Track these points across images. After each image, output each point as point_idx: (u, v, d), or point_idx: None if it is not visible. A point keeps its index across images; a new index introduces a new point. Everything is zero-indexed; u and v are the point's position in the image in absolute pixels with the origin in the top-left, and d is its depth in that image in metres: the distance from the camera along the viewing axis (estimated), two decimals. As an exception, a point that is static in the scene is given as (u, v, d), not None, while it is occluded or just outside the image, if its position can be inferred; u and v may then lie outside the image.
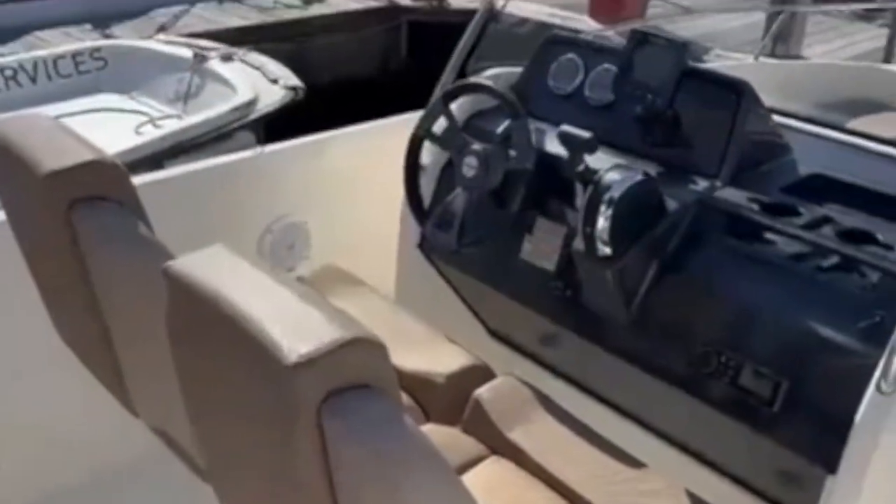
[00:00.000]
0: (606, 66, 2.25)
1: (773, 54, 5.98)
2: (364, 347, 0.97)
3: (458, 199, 2.15)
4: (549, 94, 2.35)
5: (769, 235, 1.86)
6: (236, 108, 4.84)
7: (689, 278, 1.92)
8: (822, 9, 6.40)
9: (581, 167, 1.99)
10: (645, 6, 6.72)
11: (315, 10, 7.68)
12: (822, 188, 2.00)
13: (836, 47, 6.99)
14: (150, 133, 4.84)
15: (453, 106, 2.28)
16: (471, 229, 2.14)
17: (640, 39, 2.09)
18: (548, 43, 2.42)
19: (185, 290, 1.13)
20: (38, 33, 6.49)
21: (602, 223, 1.85)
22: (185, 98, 5.32)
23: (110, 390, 1.70)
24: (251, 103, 4.91)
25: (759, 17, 6.32)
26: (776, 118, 2.20)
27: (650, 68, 2.05)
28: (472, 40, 2.58)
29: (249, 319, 1.00)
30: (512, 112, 2.10)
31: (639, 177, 1.88)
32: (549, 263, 2.16)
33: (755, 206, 1.90)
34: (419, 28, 7.67)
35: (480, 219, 2.14)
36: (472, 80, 2.33)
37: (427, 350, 2.07)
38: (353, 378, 0.96)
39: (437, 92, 2.46)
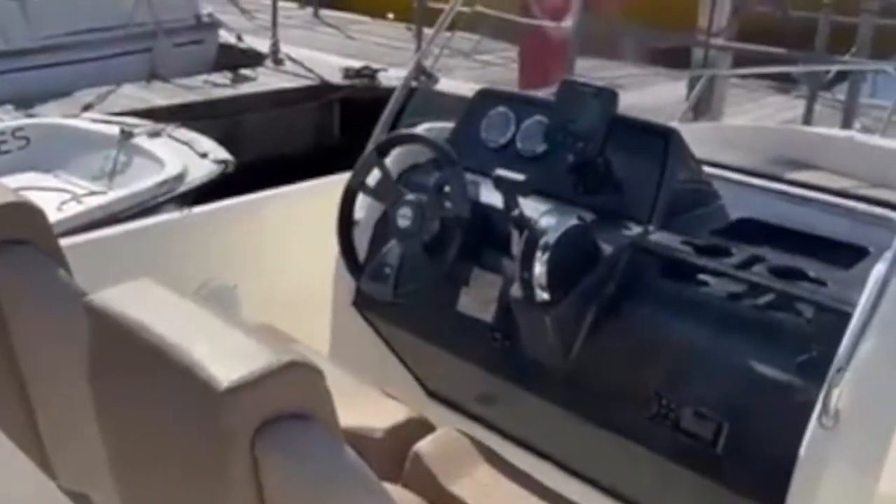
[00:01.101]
0: (537, 117, 2.27)
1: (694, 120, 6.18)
2: (300, 373, 0.92)
3: (393, 250, 2.12)
4: (482, 147, 2.35)
5: (703, 276, 1.87)
6: (163, 183, 4.77)
7: (627, 322, 1.91)
8: (741, 72, 6.64)
9: (516, 212, 1.98)
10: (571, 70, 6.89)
11: (245, 88, 7.69)
12: (751, 231, 2.02)
13: (755, 117, 7.25)
14: (72, 209, 4.72)
15: (386, 160, 2.27)
16: (406, 282, 2.11)
17: (570, 89, 2.12)
18: (479, 97, 2.44)
19: (107, 323, 1.06)
20: (-43, 115, 6.34)
21: (539, 268, 1.83)
22: (111, 174, 5.22)
23: (26, 452, 1.59)
24: (179, 177, 4.85)
25: (682, 93, 6.55)
26: (706, 168, 2.24)
27: (580, 117, 2.08)
28: (402, 96, 2.59)
29: (177, 347, 0.94)
30: (446, 161, 2.09)
31: (574, 221, 1.89)
32: (487, 314, 2.13)
33: (688, 249, 1.92)
34: (351, 105, 7.74)
35: (416, 270, 2.10)
36: (404, 131, 2.32)
37: (364, 405, 1.99)
38: (289, 406, 0.90)
39: (370, 145, 2.46)
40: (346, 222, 2.26)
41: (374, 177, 2.22)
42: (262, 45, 9.00)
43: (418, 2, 8.83)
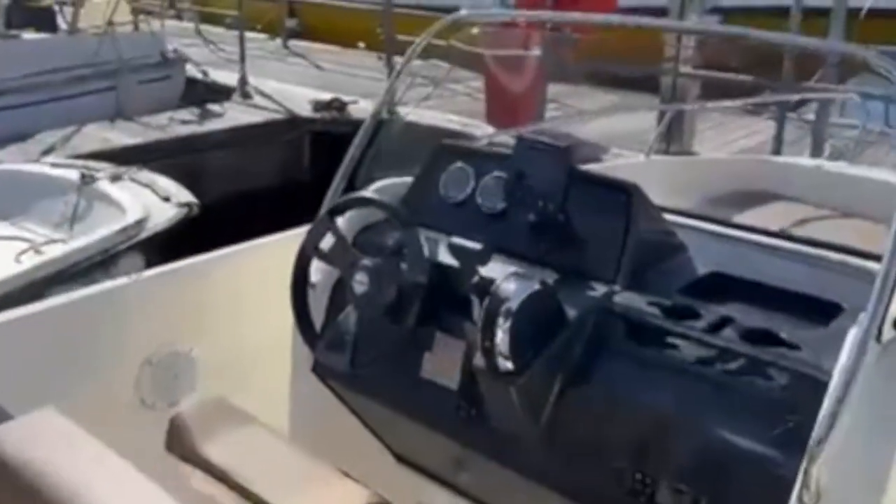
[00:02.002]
0: (497, 173, 2.20)
1: (666, 151, 6.13)
2: None
3: (350, 317, 2.04)
4: (441, 204, 2.28)
5: (672, 340, 1.79)
6: (123, 230, 4.62)
7: (596, 390, 1.83)
8: (708, 106, 6.63)
9: (476, 279, 1.90)
10: (542, 110, 6.84)
11: (212, 124, 7.58)
12: (720, 287, 1.96)
13: (726, 141, 7.23)
14: (31, 261, 4.57)
15: (341, 220, 2.18)
16: (365, 349, 2.03)
17: (526, 146, 2.05)
18: (437, 152, 2.37)
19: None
20: (-87, 160, 6.18)
21: (501, 336, 1.76)
22: (71, 221, 5.07)
23: None
24: (140, 223, 4.71)
25: (653, 118, 6.52)
26: (668, 217, 2.17)
27: (539, 174, 2.03)
28: (359, 151, 2.50)
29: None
30: (401, 224, 2.01)
31: (536, 286, 1.81)
32: (451, 381, 2.05)
33: (655, 311, 1.84)
34: (322, 138, 7.65)
35: (375, 337, 2.02)
36: (358, 194, 2.23)
37: (321, 489, 1.88)
38: None
39: (325, 206, 2.35)
40: (300, 288, 2.16)
41: (328, 240, 2.13)
42: (231, 79, 8.90)
43: (386, 33, 8.75)
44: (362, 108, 7.53)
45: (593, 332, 1.86)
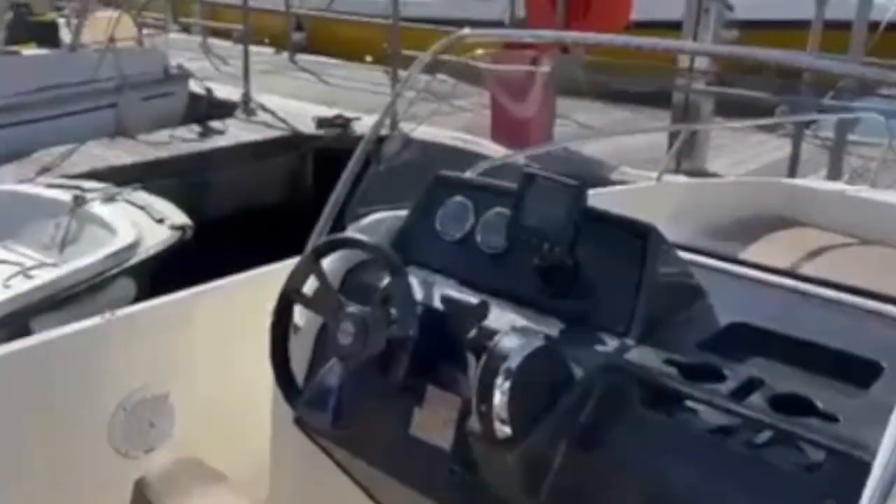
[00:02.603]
0: (499, 209, 2.02)
1: (678, 170, 5.93)
2: None
3: (333, 370, 1.84)
4: (438, 241, 2.10)
5: (692, 405, 1.59)
6: (114, 254, 4.46)
7: (604, 460, 1.63)
8: (720, 126, 6.42)
9: (472, 333, 1.72)
10: (551, 127, 6.66)
11: (214, 142, 7.43)
12: (743, 339, 1.77)
13: (740, 159, 7.01)
14: (19, 286, 4.40)
15: (327, 261, 2.00)
16: (350, 405, 1.83)
17: (531, 181, 1.85)
18: (434, 184, 2.19)
19: None
20: None
21: (499, 398, 1.56)
22: (62, 244, 4.91)
23: None
24: (131, 247, 4.54)
25: (663, 134, 6.32)
26: (687, 256, 1.99)
27: (546, 212, 1.84)
28: (351, 179, 2.31)
29: None
30: (390, 271, 1.83)
31: (538, 343, 1.62)
32: (444, 441, 1.85)
33: (672, 370, 1.64)
34: (325, 155, 7.49)
35: (361, 391, 1.83)
36: (344, 234, 2.04)
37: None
38: None
39: (311, 242, 2.16)
40: (280, 336, 1.97)
41: (312, 284, 1.94)
42: (235, 95, 8.78)
43: (392, 47, 8.59)
44: (367, 125, 7.36)
45: (602, 393, 1.66)
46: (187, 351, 2.32)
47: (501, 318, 1.77)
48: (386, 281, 1.85)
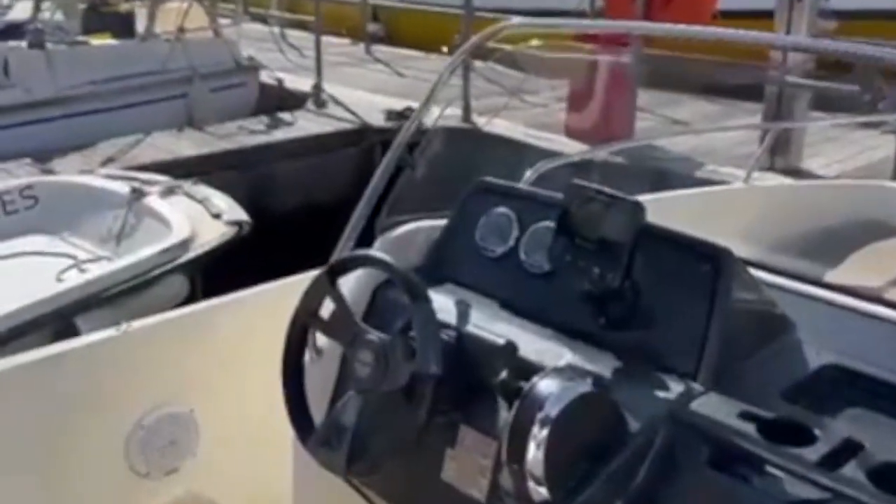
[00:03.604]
0: (546, 223, 1.75)
1: (771, 168, 5.49)
2: None
3: (350, 405, 1.60)
4: (477, 256, 1.86)
5: (773, 472, 1.29)
6: (166, 250, 4.30)
7: None
8: (815, 123, 5.93)
9: (503, 375, 1.45)
10: (632, 122, 6.26)
11: (281, 134, 7.26)
12: (840, 386, 1.48)
13: (838, 158, 6.48)
14: (72, 280, 4.28)
15: (355, 274, 1.78)
16: (368, 445, 1.59)
17: (579, 194, 1.58)
18: (475, 192, 1.93)
19: None
20: (-30, 171, 6.05)
21: (534, 454, 1.31)
22: (119, 238, 4.79)
23: None
24: (184, 243, 4.37)
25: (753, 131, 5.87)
26: (770, 278, 1.70)
27: (596, 231, 1.56)
28: (382, 183, 2.05)
29: None
30: (409, 295, 1.57)
31: (584, 387, 1.36)
32: (479, 490, 1.59)
33: (750, 427, 1.34)
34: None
35: (382, 430, 1.58)
36: (361, 252, 1.79)
37: None
38: None
39: (336, 254, 1.91)
40: (292, 364, 1.73)
41: (329, 306, 1.70)
42: (307, 86, 8.62)
43: (463, 38, 8.29)
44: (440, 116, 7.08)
45: (663, 451, 1.38)
46: (211, 365, 2.16)
47: (543, 351, 1.55)
48: (409, 307, 1.60)
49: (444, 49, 11.21)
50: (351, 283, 1.80)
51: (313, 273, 2.01)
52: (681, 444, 1.37)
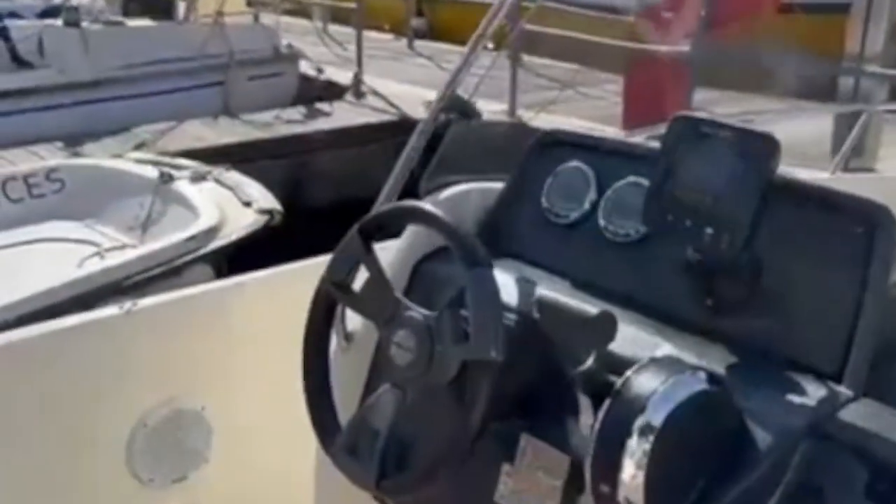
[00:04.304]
0: (632, 178, 1.43)
1: (846, 168, 5.08)
2: None
3: (383, 402, 1.28)
4: (543, 223, 1.54)
5: None
6: (192, 238, 4.04)
7: None
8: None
9: (588, 364, 1.13)
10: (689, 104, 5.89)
11: (318, 124, 7.01)
12: None
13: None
14: (91, 267, 4.04)
15: (391, 245, 1.51)
16: (405, 453, 1.32)
17: (690, 132, 1.21)
18: (541, 145, 1.59)
19: None
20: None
21: (632, 475, 1.01)
22: (145, 225, 4.54)
23: None
24: (211, 231, 4.11)
25: (820, 132, 5.45)
26: None
27: (709, 179, 1.18)
28: (424, 139, 1.76)
29: None
30: (465, 259, 1.22)
31: (700, 384, 1.05)
32: None
33: None
34: (435, 142, 6.94)
35: (423, 433, 1.31)
36: (402, 204, 1.42)
37: None
38: None
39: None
40: (313, 350, 1.41)
41: (363, 275, 1.37)
42: (348, 78, 8.38)
43: (511, 29, 7.98)
44: (483, 110, 6.79)
45: (802, 476, 1.05)
46: (227, 354, 1.92)
47: (636, 341, 1.23)
48: (461, 277, 1.26)
49: (490, 45, 10.97)
50: (388, 256, 1.48)
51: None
52: (826, 464, 1.05)
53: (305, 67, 8.51)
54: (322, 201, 6.08)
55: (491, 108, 6.85)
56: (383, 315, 1.29)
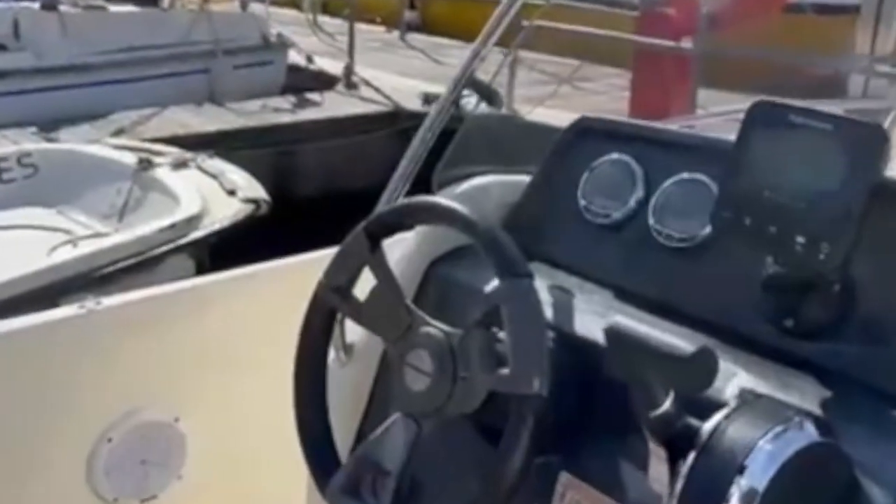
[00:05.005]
0: (688, 176, 1.21)
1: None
2: None
3: (394, 435, 1.06)
4: (579, 222, 1.32)
5: None
6: (171, 227, 3.80)
7: None
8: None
9: (666, 409, 0.87)
10: (694, 108, 5.69)
11: (307, 114, 6.76)
12: None
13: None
14: (61, 256, 3.78)
15: (399, 246, 1.31)
16: (420, 497, 1.07)
17: (774, 121, 0.98)
18: (576, 133, 1.37)
19: None
20: (-29, 137, 5.59)
21: None
22: (122, 213, 4.29)
23: None
24: (192, 220, 3.86)
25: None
26: None
27: (803, 183, 0.96)
28: (436, 131, 1.52)
29: None
30: (500, 265, 1.02)
31: (809, 436, 0.85)
32: None
33: None
34: (445, 137, 6.72)
35: (442, 475, 1.10)
36: (419, 199, 1.19)
37: None
38: None
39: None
40: (308, 365, 1.20)
41: (367, 282, 1.17)
42: (339, 68, 8.15)
43: (513, 22, 7.77)
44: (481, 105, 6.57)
45: None
46: (204, 360, 1.76)
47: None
48: (492, 286, 1.04)
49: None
50: (392, 256, 1.25)
51: (323, 253, 1.49)
52: None
53: (295, 58, 8.28)
54: (311, 193, 5.87)
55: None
56: (395, 331, 1.08)
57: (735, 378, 0.97)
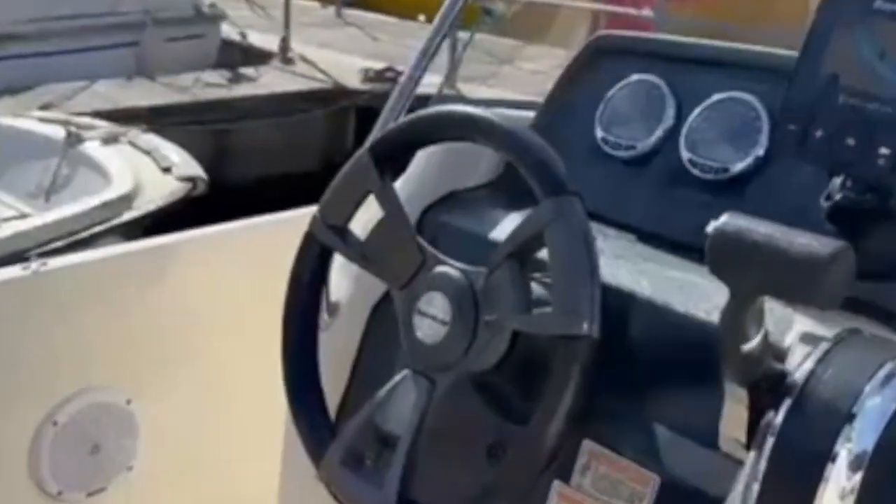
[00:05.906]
0: (735, 95, 1.06)
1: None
2: None
3: (402, 394, 0.95)
4: (597, 156, 1.15)
5: None
6: (103, 206, 3.61)
7: None
8: None
9: (758, 344, 0.74)
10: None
11: (244, 90, 6.57)
12: None
13: None
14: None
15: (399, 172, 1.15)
16: (436, 469, 0.95)
17: (852, 13, 0.84)
18: (593, 53, 1.21)
19: None
20: None
21: None
22: (48, 191, 4.06)
23: None
24: (125, 199, 3.68)
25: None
26: None
27: (887, 81, 0.82)
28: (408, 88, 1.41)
29: None
30: (548, 186, 0.89)
31: None
32: None
33: None
34: (370, 113, 6.57)
35: (457, 440, 0.98)
36: (442, 107, 1.03)
37: None
38: None
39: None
40: (297, 321, 1.06)
41: (366, 216, 1.03)
42: (274, 43, 7.94)
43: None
44: (423, 82, 6.47)
45: None
46: (160, 332, 1.62)
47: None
48: (521, 215, 0.94)
49: (422, 17, 10.62)
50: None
51: (304, 211, 1.36)
52: None
53: (227, 32, 8.03)
54: (249, 172, 5.72)
55: (429, 80, 6.56)
56: (403, 274, 0.95)
57: (795, 325, 0.85)
